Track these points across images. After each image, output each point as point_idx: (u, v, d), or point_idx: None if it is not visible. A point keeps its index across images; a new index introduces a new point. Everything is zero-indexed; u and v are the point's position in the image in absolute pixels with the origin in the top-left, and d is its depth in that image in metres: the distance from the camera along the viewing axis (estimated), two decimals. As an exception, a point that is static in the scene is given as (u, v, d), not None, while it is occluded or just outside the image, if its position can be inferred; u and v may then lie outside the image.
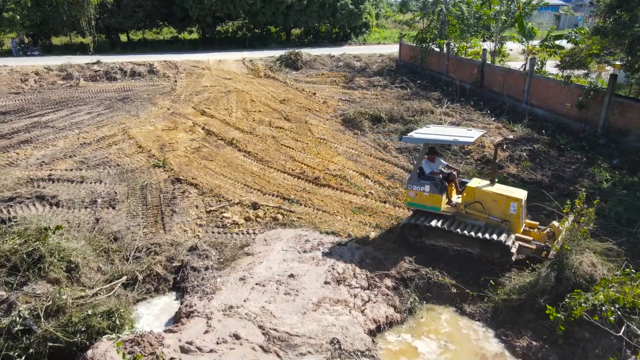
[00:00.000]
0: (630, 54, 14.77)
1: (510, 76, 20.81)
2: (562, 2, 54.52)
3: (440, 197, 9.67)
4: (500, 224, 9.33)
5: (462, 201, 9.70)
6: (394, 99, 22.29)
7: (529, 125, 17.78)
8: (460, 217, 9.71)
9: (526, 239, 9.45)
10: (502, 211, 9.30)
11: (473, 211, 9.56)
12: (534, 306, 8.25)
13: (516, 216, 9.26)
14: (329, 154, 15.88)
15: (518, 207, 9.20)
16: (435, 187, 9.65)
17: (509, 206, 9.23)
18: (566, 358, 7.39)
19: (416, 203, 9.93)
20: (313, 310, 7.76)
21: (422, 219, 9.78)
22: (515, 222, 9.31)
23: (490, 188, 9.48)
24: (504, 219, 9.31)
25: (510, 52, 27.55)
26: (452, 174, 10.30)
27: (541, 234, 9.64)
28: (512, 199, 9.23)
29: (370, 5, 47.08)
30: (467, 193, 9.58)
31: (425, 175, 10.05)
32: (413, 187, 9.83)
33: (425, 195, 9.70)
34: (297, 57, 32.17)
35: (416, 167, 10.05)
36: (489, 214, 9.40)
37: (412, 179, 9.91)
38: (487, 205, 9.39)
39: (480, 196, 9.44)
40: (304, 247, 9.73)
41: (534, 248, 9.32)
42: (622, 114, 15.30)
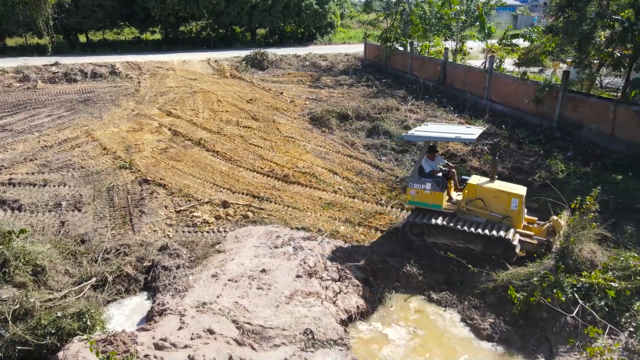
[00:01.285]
0: (580, 51, 15.57)
1: (471, 74, 21.51)
2: (518, 3, 56.55)
3: (441, 195, 9.68)
4: (501, 220, 9.37)
5: (463, 198, 9.70)
6: (360, 97, 22.65)
7: (489, 121, 18.46)
8: (461, 214, 9.72)
9: (527, 234, 9.52)
10: (503, 207, 9.35)
11: (474, 208, 9.57)
12: (496, 290, 8.69)
13: (517, 212, 9.33)
14: (298, 152, 16.03)
15: (519, 203, 9.27)
16: (437, 184, 9.67)
17: (510, 202, 9.28)
18: (526, 336, 7.83)
19: (417, 201, 9.91)
20: (286, 303, 7.91)
21: (423, 217, 9.80)
22: (516, 218, 9.38)
23: (491, 185, 9.53)
24: (505, 215, 9.35)
25: (471, 51, 28.44)
26: (451, 171, 10.38)
27: (541, 229, 9.72)
28: (513, 195, 9.29)
29: (335, 6, 47.51)
30: (469, 190, 9.58)
31: (425, 173, 9.98)
32: (414, 185, 9.81)
33: (427, 193, 9.70)
34: (263, 57, 32.15)
35: (417, 166, 10.00)
36: (490, 210, 9.42)
37: (412, 177, 9.86)
38: (488, 201, 9.41)
39: (481, 193, 9.46)
40: (275, 242, 9.85)
41: (535, 243, 9.38)
42: (575, 108, 16.12)
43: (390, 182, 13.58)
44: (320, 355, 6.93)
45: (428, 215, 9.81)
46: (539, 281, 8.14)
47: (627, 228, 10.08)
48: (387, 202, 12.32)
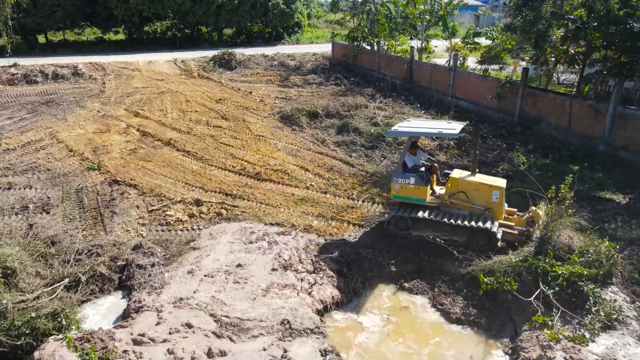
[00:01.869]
0: (537, 48, 16.33)
1: (437, 72, 22.13)
2: (480, 3, 58.22)
3: (425, 189, 9.87)
4: (483, 212, 9.61)
5: (446, 192, 9.91)
6: (330, 96, 22.93)
7: (455, 117, 19.05)
8: (444, 207, 9.94)
9: (508, 225, 9.78)
10: (485, 199, 9.59)
11: (457, 201, 9.79)
12: (464, 276, 9.10)
13: (498, 204, 9.59)
14: (269, 150, 16.15)
15: (500, 195, 9.53)
16: (421, 179, 9.84)
17: (491, 194, 9.53)
18: (492, 318, 8.24)
19: (401, 196, 10.08)
20: (262, 295, 8.06)
21: (407, 211, 9.99)
22: (497, 209, 9.63)
23: (473, 178, 9.79)
24: (487, 207, 9.59)
25: (436, 49, 29.21)
26: (433, 166, 10.65)
27: (521, 219, 9.99)
28: (494, 188, 9.57)
29: (302, 5, 47.71)
30: (451, 184, 9.81)
31: (408, 168, 10.17)
32: (398, 180, 9.95)
33: (411, 187, 9.87)
34: (231, 57, 32.05)
35: (400, 161, 10.15)
36: (472, 202, 9.66)
37: (396, 172, 10.02)
38: (470, 194, 9.65)
39: (463, 186, 9.70)
40: (249, 238, 9.97)
41: (516, 233, 9.66)
42: (534, 103, 16.87)
43: (361, 177, 13.89)
44: (297, 343, 7.12)
45: (413, 209, 10.02)
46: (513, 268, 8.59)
47: (583, 214, 10.68)
48: (358, 196, 12.61)
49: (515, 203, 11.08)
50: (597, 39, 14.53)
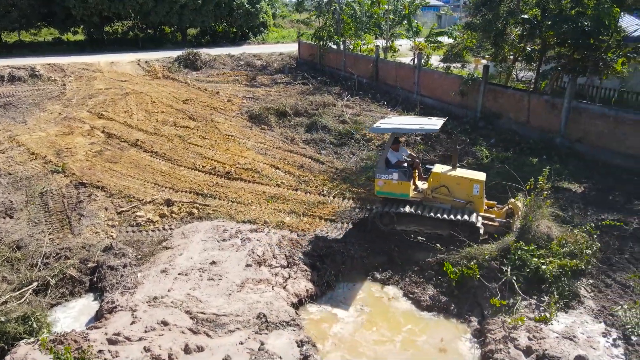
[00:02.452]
0: (496, 46, 16.96)
1: (402, 70, 22.62)
2: (441, 3, 59.66)
3: (408, 184, 10.07)
4: (465, 205, 9.88)
5: (428, 186, 10.14)
6: (297, 95, 23.07)
7: (420, 113, 19.54)
8: (427, 201, 10.17)
9: (489, 217, 10.11)
10: (466, 193, 9.87)
11: (439, 195, 10.05)
12: (433, 266, 9.43)
13: (479, 197, 9.88)
14: (239, 149, 16.15)
15: (480, 188, 9.82)
16: (404, 174, 10.03)
17: (472, 188, 9.81)
18: (461, 303, 8.59)
19: (385, 191, 10.25)
20: (238, 291, 8.13)
21: (392, 207, 10.16)
22: (478, 202, 9.91)
23: (454, 172, 10.07)
24: (468, 200, 9.86)
25: (400, 48, 29.79)
26: (415, 161, 10.83)
27: (501, 211, 10.28)
28: (475, 181, 9.83)
29: (267, 5, 47.60)
30: (433, 178, 10.07)
31: (391, 164, 10.32)
32: (381, 176, 10.11)
33: (394, 183, 10.06)
34: (196, 57, 31.69)
35: (383, 157, 10.28)
36: (454, 196, 9.91)
37: (379, 168, 10.15)
38: (452, 188, 9.91)
39: (445, 181, 9.97)
40: (222, 236, 10.00)
41: (497, 225, 9.99)
42: (495, 99, 17.53)
43: (331, 174, 14.10)
44: (274, 336, 7.24)
45: (396, 205, 10.21)
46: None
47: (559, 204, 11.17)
48: (328, 192, 12.81)
49: (489, 196, 11.47)
50: (551, 37, 15.24)
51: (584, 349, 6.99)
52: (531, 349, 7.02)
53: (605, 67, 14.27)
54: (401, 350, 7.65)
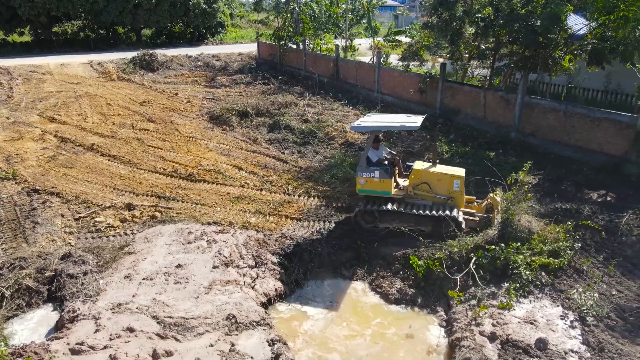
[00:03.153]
0: (452, 45, 17.45)
1: (362, 69, 22.90)
2: (397, 3, 60.73)
3: (390, 182, 10.07)
4: (446, 201, 10.00)
5: (410, 183, 10.21)
6: (259, 95, 22.92)
7: (381, 111, 19.83)
8: (408, 198, 10.24)
9: (470, 212, 10.25)
10: (446, 189, 9.98)
11: (421, 192, 10.13)
12: (399, 259, 9.60)
13: (459, 192, 10.01)
14: (200, 150, 15.88)
15: (461, 184, 9.95)
16: (385, 172, 10.03)
17: (452, 184, 9.92)
18: (428, 295, 8.79)
19: (367, 189, 10.23)
20: (205, 293, 8.00)
21: (374, 205, 10.17)
22: (458, 197, 10.03)
23: (435, 169, 10.19)
24: (449, 196, 9.98)
25: (360, 47, 30.11)
26: (396, 159, 10.85)
27: (480, 206, 10.46)
28: (455, 177, 9.96)
29: (224, 5, 46.99)
30: (415, 175, 10.15)
31: (372, 162, 10.34)
32: (363, 174, 10.10)
33: (376, 181, 10.04)
34: (153, 58, 30.94)
35: (364, 155, 10.27)
36: (435, 192, 10.02)
37: (361, 167, 10.14)
38: (433, 184, 10.02)
39: (426, 177, 10.07)
40: (187, 238, 9.80)
41: (478, 220, 10.14)
42: (453, 96, 18.03)
43: (295, 173, 14.09)
44: (244, 336, 7.16)
45: (378, 202, 10.24)
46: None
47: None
48: (293, 191, 12.79)
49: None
50: (503, 36, 15.81)
51: (544, 332, 7.31)
52: (495, 334, 7.28)
53: (554, 64, 14.94)
54: (371, 344, 7.74)
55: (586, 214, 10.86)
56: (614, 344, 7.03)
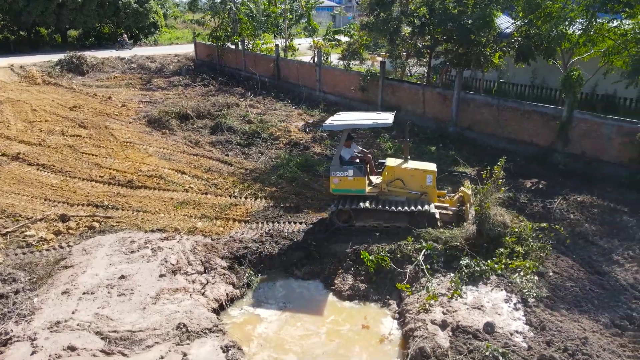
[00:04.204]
0: (390, 43, 17.87)
1: (303, 68, 22.91)
2: (334, 4, 61.46)
3: (364, 180, 10.03)
4: (419, 196, 10.03)
5: (384, 180, 10.19)
6: (198, 97, 22.34)
7: (324, 110, 19.97)
8: (382, 195, 10.20)
9: (443, 207, 10.34)
10: (419, 184, 10.04)
11: (394, 188, 10.13)
12: (350, 256, 9.67)
13: (432, 187, 10.10)
14: (139, 156, 15.20)
15: (433, 179, 10.06)
16: (359, 170, 9.98)
17: (425, 179, 10.03)
18: (379, 289, 8.92)
19: (341, 188, 10.11)
20: (153, 303, 7.63)
21: (348, 203, 10.07)
22: (431, 192, 10.12)
23: (407, 165, 10.23)
24: (422, 191, 10.04)
25: (300, 47, 30.13)
26: (367, 156, 10.77)
27: (452, 200, 10.58)
28: (428, 172, 10.06)
29: (157, 5, 45.34)
30: (388, 172, 10.14)
31: (345, 161, 10.26)
32: (336, 173, 9.97)
33: (350, 179, 9.94)
34: (81, 61, 29.30)
35: (337, 154, 10.16)
36: (408, 188, 10.06)
37: (334, 166, 10.02)
38: (406, 180, 10.06)
39: (399, 173, 10.09)
40: (130, 248, 9.32)
41: (451, 214, 10.26)
42: (394, 93, 18.46)
43: (241, 175, 13.84)
44: (197, 345, 6.91)
45: (353, 201, 10.13)
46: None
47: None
48: (240, 193, 12.55)
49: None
50: (438, 34, 16.41)
51: (490, 316, 7.62)
52: (446, 322, 7.49)
53: (486, 60, 15.69)
54: (327, 341, 7.73)
55: (522, 202, 11.47)
56: (553, 322, 7.45)
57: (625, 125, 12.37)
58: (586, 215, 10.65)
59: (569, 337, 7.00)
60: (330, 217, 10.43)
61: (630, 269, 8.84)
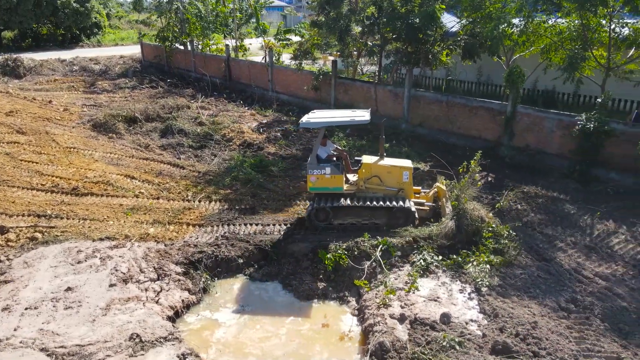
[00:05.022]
0: (341, 42, 18.01)
1: (255, 68, 22.67)
2: (285, 4, 61.32)
3: (341, 177, 10.02)
4: (396, 192, 10.10)
5: (361, 177, 10.18)
6: (147, 99, 21.61)
7: (277, 110, 19.85)
8: (360, 193, 10.19)
9: (420, 202, 10.41)
10: (396, 181, 10.10)
11: (372, 185, 10.14)
12: (308, 255, 9.64)
13: (409, 183, 10.18)
14: (85, 162, 14.50)
15: (410, 175, 10.12)
16: (337, 168, 9.94)
17: (402, 175, 10.08)
18: (338, 287, 8.94)
19: (319, 187, 10.07)
20: (103, 315, 7.28)
21: (327, 202, 9.99)
22: (408, 189, 10.19)
23: (384, 162, 10.27)
24: (399, 187, 10.11)
25: (251, 47, 29.80)
26: (343, 154, 10.67)
27: (428, 196, 10.72)
28: (404, 169, 10.12)
29: (99, 5, 43.57)
30: (365, 169, 10.14)
31: (322, 159, 10.18)
32: (314, 172, 9.92)
33: (327, 177, 9.91)
34: (18, 63, 27.73)
35: (314, 153, 10.09)
36: (386, 185, 10.11)
37: (312, 164, 9.96)
38: (383, 177, 10.10)
39: (376, 170, 10.11)
40: (77, 258, 8.85)
41: (427, 209, 10.37)
42: (346, 92, 18.60)
43: (194, 178, 13.50)
44: (152, 355, 6.64)
45: (331, 199, 10.08)
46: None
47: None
48: (194, 197, 12.23)
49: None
50: (388, 33, 16.67)
51: (447, 307, 7.80)
52: (404, 315, 7.59)
53: (434, 58, 16.10)
54: (287, 342, 7.65)
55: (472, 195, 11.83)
56: (505, 309, 7.72)
57: (564, 119, 13.03)
58: (532, 206, 11.13)
59: (520, 323, 7.27)
60: (308, 216, 10.38)
61: (573, 255, 9.32)
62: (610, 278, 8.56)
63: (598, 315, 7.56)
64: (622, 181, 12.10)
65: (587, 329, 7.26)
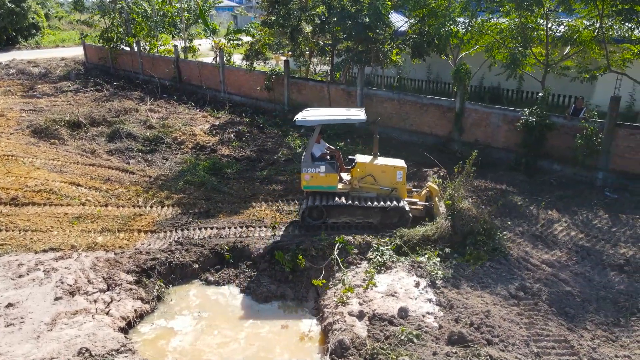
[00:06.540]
0: (292, 41, 17.95)
1: (205, 69, 22.22)
2: (235, 4, 60.53)
3: (336, 176, 9.92)
4: (390, 192, 10.07)
5: (355, 176, 10.11)
6: (91, 103, 20.71)
7: (230, 111, 19.54)
8: (354, 192, 10.14)
9: (413, 202, 10.43)
10: (390, 180, 10.09)
11: (365, 184, 10.10)
12: (265, 257, 9.52)
13: (402, 183, 10.15)
14: (24, 170, 13.68)
15: (403, 175, 10.12)
16: (331, 166, 9.86)
17: (396, 174, 10.07)
18: (297, 287, 8.90)
19: (313, 185, 9.98)
20: (49, 330, 6.87)
21: (321, 200, 9.89)
22: (402, 188, 10.19)
23: (378, 161, 10.24)
24: (393, 187, 10.09)
25: (201, 48, 29.20)
26: (337, 153, 10.53)
27: (421, 195, 10.74)
28: (398, 168, 10.11)
29: (37, 5, 41.35)
30: (359, 168, 10.08)
31: (316, 157, 10.04)
32: (308, 170, 9.82)
33: (322, 176, 9.83)
34: (-53, 67, 25.82)
35: (309, 151, 9.96)
36: (380, 184, 10.07)
37: (306, 162, 9.84)
38: (377, 176, 10.06)
39: (371, 170, 10.07)
40: (18, 272, 8.32)
41: (421, 209, 10.36)
42: (300, 91, 18.57)
43: (145, 183, 13.03)
44: (103, 369, 6.35)
45: (326, 198, 9.99)
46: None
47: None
48: (145, 202, 11.81)
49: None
50: (339, 32, 16.77)
51: (404, 301, 7.91)
52: (363, 312, 7.64)
53: (384, 57, 16.35)
54: (247, 346, 7.52)
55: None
56: (460, 300, 7.93)
57: (509, 114, 13.57)
58: (482, 198, 11.51)
59: (474, 312, 7.48)
60: (303, 214, 10.26)
61: (522, 244, 9.71)
62: (555, 264, 8.97)
63: (546, 300, 7.90)
64: (564, 172, 12.75)
65: (536, 315, 7.57)
